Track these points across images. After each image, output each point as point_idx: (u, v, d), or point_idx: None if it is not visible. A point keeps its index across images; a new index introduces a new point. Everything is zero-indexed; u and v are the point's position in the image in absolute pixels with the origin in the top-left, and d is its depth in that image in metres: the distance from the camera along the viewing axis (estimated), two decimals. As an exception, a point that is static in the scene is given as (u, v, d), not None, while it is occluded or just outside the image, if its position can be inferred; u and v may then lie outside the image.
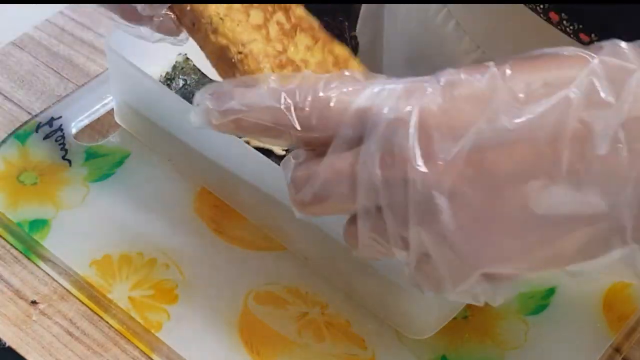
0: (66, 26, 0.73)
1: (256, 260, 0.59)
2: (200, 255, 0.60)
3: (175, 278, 0.58)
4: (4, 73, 0.70)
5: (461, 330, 0.56)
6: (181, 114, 0.58)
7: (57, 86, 0.69)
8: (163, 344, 0.55)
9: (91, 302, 0.57)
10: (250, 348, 0.55)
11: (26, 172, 0.64)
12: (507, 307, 0.57)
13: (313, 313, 0.57)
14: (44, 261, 0.59)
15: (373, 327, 0.56)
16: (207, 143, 0.59)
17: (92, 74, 0.70)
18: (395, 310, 0.55)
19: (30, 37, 0.72)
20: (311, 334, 0.56)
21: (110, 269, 0.58)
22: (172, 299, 0.57)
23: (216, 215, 0.62)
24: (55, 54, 0.71)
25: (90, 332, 0.56)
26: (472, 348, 0.56)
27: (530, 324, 0.57)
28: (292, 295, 0.58)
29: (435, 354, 0.55)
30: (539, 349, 0.56)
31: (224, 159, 0.59)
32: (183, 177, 0.63)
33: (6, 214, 0.61)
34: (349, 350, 0.55)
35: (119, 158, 0.65)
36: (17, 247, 0.60)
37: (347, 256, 0.55)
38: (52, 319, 0.56)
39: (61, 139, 0.65)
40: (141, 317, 0.56)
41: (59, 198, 0.62)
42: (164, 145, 0.63)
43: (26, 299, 0.57)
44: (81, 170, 0.64)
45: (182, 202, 0.62)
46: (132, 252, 0.59)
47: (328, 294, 0.58)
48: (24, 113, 0.67)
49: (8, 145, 0.65)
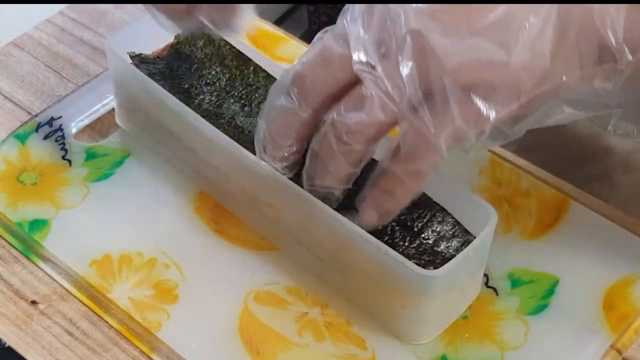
0: (66, 26, 0.73)
1: (256, 260, 0.59)
2: (200, 255, 0.60)
3: (175, 278, 0.58)
4: (4, 73, 0.70)
5: (461, 330, 0.56)
6: (180, 115, 0.59)
7: (57, 86, 0.69)
8: (163, 344, 0.55)
9: (91, 302, 0.57)
10: (250, 348, 0.55)
11: (26, 172, 0.64)
12: (507, 307, 0.57)
13: (313, 313, 0.57)
14: (44, 261, 0.59)
15: (373, 327, 0.56)
16: (205, 146, 0.59)
17: (92, 74, 0.70)
18: (395, 316, 0.55)
19: (30, 37, 0.72)
20: (311, 334, 0.56)
21: (110, 269, 0.59)
22: (172, 299, 0.57)
23: (216, 215, 0.62)
24: (55, 54, 0.71)
25: (90, 332, 0.56)
26: (472, 348, 0.56)
27: (530, 324, 0.57)
28: (292, 295, 0.58)
29: (435, 354, 0.55)
30: (539, 349, 0.56)
31: (223, 161, 0.59)
32: (183, 177, 0.63)
33: (6, 214, 0.61)
34: (349, 350, 0.55)
35: (119, 158, 0.65)
36: (17, 247, 0.60)
37: (346, 262, 0.55)
38: (52, 319, 0.56)
39: (61, 139, 0.65)
40: (141, 317, 0.56)
41: (59, 198, 0.62)
42: (163, 146, 0.63)
43: (26, 299, 0.57)
44: (81, 170, 0.64)
45: (182, 202, 0.62)
46: (132, 252, 0.59)
47: (328, 294, 0.58)
48: (24, 113, 0.67)
49: (8, 145, 0.65)
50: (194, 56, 0.63)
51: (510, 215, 0.62)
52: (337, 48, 0.48)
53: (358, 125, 0.48)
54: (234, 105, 0.61)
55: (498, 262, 0.59)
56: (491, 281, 0.58)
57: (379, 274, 0.53)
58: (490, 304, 0.58)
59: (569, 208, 0.62)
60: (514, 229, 0.61)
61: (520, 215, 0.62)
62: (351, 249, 0.53)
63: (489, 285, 0.58)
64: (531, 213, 0.62)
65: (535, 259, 0.60)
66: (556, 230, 0.61)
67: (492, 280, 0.59)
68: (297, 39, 0.73)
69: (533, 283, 0.58)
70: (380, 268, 0.53)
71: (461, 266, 0.52)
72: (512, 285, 0.58)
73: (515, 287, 0.58)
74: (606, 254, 0.60)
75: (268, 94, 0.52)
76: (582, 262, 0.59)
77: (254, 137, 0.54)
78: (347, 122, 0.48)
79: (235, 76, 0.62)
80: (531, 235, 0.61)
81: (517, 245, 0.60)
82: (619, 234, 0.61)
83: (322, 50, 0.49)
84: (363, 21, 0.48)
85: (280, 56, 0.71)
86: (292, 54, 0.71)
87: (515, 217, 0.62)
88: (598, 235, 0.61)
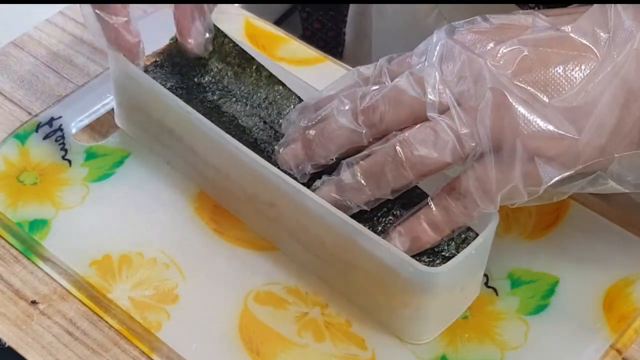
0: (66, 26, 0.73)
1: (256, 260, 0.59)
2: (200, 255, 0.60)
3: (175, 278, 0.58)
4: (4, 73, 0.70)
5: (461, 330, 0.56)
6: (181, 115, 0.59)
7: (57, 86, 0.69)
8: (163, 344, 0.55)
9: (91, 302, 0.57)
10: (250, 348, 0.55)
11: (26, 172, 0.64)
12: (507, 307, 0.57)
13: (313, 313, 0.57)
14: (44, 261, 0.59)
15: (373, 327, 0.56)
16: (206, 145, 0.59)
17: (92, 74, 0.70)
18: (395, 315, 0.55)
19: (30, 37, 0.72)
20: (311, 334, 0.56)
21: (110, 269, 0.58)
22: (172, 299, 0.57)
23: (216, 215, 0.62)
24: (55, 54, 0.71)
25: (90, 332, 0.56)
26: (472, 348, 0.56)
27: (530, 324, 0.57)
28: (292, 295, 0.58)
29: (435, 354, 0.55)
30: (539, 349, 0.56)
31: (223, 161, 0.59)
32: (183, 177, 0.63)
33: (6, 214, 0.61)
34: (349, 350, 0.55)
35: (119, 158, 0.65)
36: (17, 247, 0.60)
37: (346, 260, 0.55)
38: (52, 319, 0.56)
39: (61, 139, 0.65)
40: (141, 317, 0.56)
41: (59, 198, 0.62)
42: (163, 146, 0.63)
43: (26, 299, 0.57)
44: (81, 170, 0.64)
45: (182, 202, 0.62)
46: (132, 252, 0.59)
47: (328, 294, 0.58)
48: (24, 113, 0.67)
49: (8, 145, 0.65)
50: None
51: (510, 215, 0.62)
52: (411, 91, 0.51)
53: (422, 158, 0.51)
54: (236, 105, 0.61)
55: (498, 262, 0.59)
56: (491, 281, 0.58)
57: (380, 272, 0.53)
58: (490, 304, 0.58)
59: (568, 208, 0.62)
60: (514, 229, 0.61)
61: (520, 215, 0.62)
62: (352, 246, 0.53)
63: (489, 285, 0.58)
64: (531, 213, 0.62)
65: (535, 259, 0.60)
66: (556, 230, 0.61)
67: (492, 280, 0.59)
68: (297, 39, 0.73)
69: (533, 283, 0.58)
70: (382, 266, 0.53)
71: (463, 264, 0.52)
72: (512, 285, 0.58)
73: (515, 287, 0.58)
74: (606, 254, 0.60)
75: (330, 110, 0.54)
76: (582, 262, 0.59)
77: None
78: (412, 152, 0.51)
79: (238, 75, 0.62)
80: (531, 235, 0.61)
81: (517, 245, 0.60)
82: (619, 234, 0.61)
83: (396, 91, 0.52)
84: (441, 67, 0.51)
85: (280, 56, 0.71)
86: (292, 54, 0.71)
87: (515, 217, 0.62)
88: (598, 235, 0.61)
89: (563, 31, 0.51)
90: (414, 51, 0.54)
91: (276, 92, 0.62)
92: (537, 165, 0.50)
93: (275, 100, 0.61)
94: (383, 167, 0.52)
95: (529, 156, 0.50)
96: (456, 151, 0.50)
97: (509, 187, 0.50)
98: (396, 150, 0.51)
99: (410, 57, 0.54)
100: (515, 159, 0.50)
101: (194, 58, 0.63)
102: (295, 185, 0.54)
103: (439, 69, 0.51)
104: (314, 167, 0.55)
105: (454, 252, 0.54)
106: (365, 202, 0.54)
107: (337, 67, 0.70)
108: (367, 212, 0.54)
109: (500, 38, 0.51)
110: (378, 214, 0.55)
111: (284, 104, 0.61)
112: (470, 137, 0.50)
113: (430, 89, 0.51)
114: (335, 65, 0.71)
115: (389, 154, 0.52)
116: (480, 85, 0.50)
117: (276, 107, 0.61)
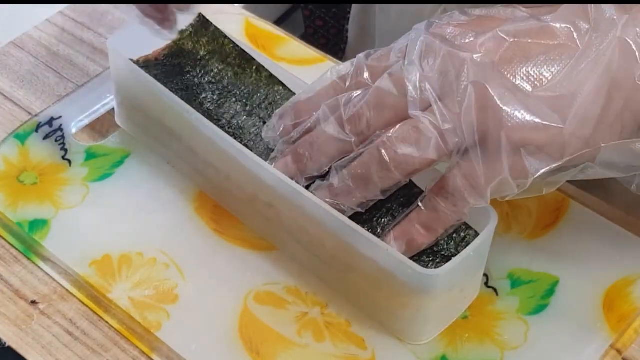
0: (66, 26, 0.73)
1: (256, 260, 0.59)
2: (200, 255, 0.60)
3: (175, 278, 0.58)
4: (4, 73, 0.70)
5: (461, 330, 0.56)
6: (181, 115, 0.59)
7: (57, 86, 0.69)
8: (163, 344, 0.55)
9: (91, 302, 0.57)
10: (250, 348, 0.55)
11: (26, 172, 0.64)
12: (507, 307, 0.57)
13: (313, 313, 0.57)
14: (44, 261, 0.59)
15: (373, 327, 0.56)
16: (205, 145, 0.59)
17: (92, 74, 0.70)
18: (395, 316, 0.55)
19: (30, 37, 0.72)
20: (311, 334, 0.56)
21: (110, 269, 0.58)
22: (172, 299, 0.57)
23: (216, 215, 0.62)
24: (55, 54, 0.71)
25: (90, 332, 0.56)
26: (472, 348, 0.56)
27: (530, 324, 0.57)
28: (292, 295, 0.58)
29: (435, 354, 0.55)
30: (539, 349, 0.56)
31: (223, 161, 0.59)
32: (183, 177, 0.63)
33: (6, 214, 0.61)
34: (349, 350, 0.55)
35: (119, 158, 0.65)
36: (17, 247, 0.60)
37: (346, 262, 0.55)
38: (52, 319, 0.56)
39: (61, 139, 0.65)
40: (141, 317, 0.56)
41: (59, 198, 0.62)
42: (163, 146, 0.63)
43: (26, 299, 0.57)
44: (81, 170, 0.64)
45: (182, 202, 0.62)
46: (132, 252, 0.59)
47: (328, 294, 0.58)
48: (24, 113, 0.67)
49: (8, 145, 0.65)
50: (196, 53, 0.63)
51: (510, 215, 0.62)
52: (393, 91, 0.51)
53: (406, 157, 0.51)
54: (236, 105, 0.61)
55: (498, 262, 0.59)
56: (491, 281, 0.58)
57: (379, 274, 0.53)
58: (490, 304, 0.58)
59: (569, 208, 0.62)
60: (514, 229, 0.61)
61: (520, 215, 0.62)
62: (352, 248, 0.53)
63: (489, 285, 0.58)
64: (531, 213, 0.62)
65: (535, 259, 0.60)
66: (556, 230, 0.61)
67: (492, 280, 0.59)
68: (297, 39, 0.73)
69: (533, 283, 0.58)
70: (381, 267, 0.53)
71: (462, 265, 0.52)
72: (512, 285, 0.58)
73: (515, 287, 0.58)
74: (606, 254, 0.60)
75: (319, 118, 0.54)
76: (582, 262, 0.59)
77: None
78: (396, 152, 0.51)
79: (238, 75, 0.62)
80: (531, 235, 0.61)
81: (517, 245, 0.60)
82: (619, 234, 0.61)
83: (378, 95, 0.52)
84: (421, 63, 0.51)
85: (280, 56, 0.71)
86: (292, 54, 0.71)
87: (515, 217, 0.62)
88: (598, 235, 0.61)
89: (543, 21, 0.50)
90: (392, 46, 0.53)
91: (276, 92, 0.62)
92: (523, 157, 0.49)
93: (275, 100, 0.61)
94: (369, 169, 0.52)
95: (514, 148, 0.49)
96: (440, 148, 0.50)
97: (498, 179, 0.50)
98: (380, 151, 0.51)
99: (389, 53, 0.53)
100: (501, 151, 0.49)
101: (196, 57, 0.63)
102: (294, 187, 0.54)
103: (420, 65, 0.51)
104: (307, 180, 0.55)
105: (453, 251, 0.54)
106: (358, 205, 0.53)
107: (337, 67, 0.70)
108: (366, 212, 0.54)
109: (481, 30, 0.51)
110: (377, 214, 0.55)
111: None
112: (454, 133, 0.50)
113: (411, 86, 0.51)
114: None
115: (373, 155, 0.51)
116: (461, 79, 0.50)
117: (276, 107, 0.61)
